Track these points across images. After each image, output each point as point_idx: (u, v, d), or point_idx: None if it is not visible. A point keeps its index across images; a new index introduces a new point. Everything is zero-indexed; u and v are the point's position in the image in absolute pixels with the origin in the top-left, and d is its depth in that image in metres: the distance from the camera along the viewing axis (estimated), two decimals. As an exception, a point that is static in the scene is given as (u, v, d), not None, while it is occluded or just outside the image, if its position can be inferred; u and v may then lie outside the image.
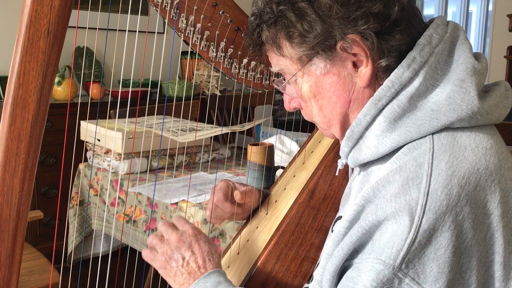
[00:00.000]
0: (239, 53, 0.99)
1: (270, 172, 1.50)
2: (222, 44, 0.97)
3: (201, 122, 2.10)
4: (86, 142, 2.00)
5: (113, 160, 1.86)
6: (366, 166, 0.75)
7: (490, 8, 5.21)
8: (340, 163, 0.85)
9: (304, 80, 0.76)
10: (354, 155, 0.75)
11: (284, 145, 1.95)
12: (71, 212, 1.99)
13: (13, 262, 0.80)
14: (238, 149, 2.31)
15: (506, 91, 0.75)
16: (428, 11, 6.06)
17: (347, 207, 0.81)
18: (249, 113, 2.88)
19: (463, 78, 0.69)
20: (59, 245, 2.46)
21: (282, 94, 0.85)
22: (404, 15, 0.71)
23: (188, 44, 0.96)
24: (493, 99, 0.71)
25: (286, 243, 0.94)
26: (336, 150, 1.03)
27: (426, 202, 0.62)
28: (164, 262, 0.88)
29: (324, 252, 0.76)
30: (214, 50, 0.97)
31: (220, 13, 0.94)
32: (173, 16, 0.92)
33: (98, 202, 1.93)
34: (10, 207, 0.78)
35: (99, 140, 1.92)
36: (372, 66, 0.71)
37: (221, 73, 1.00)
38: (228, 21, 0.95)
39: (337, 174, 0.98)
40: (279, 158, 1.83)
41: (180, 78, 3.46)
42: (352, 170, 0.90)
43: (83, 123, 1.97)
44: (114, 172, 1.87)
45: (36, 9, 0.73)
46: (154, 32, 3.09)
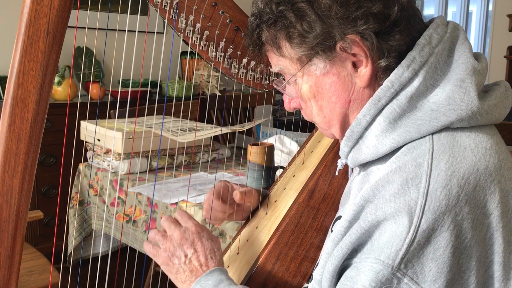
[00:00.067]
0: (239, 53, 0.99)
1: (270, 172, 1.50)
2: (222, 44, 0.97)
3: (201, 122, 2.10)
4: (86, 142, 2.00)
5: (113, 160, 1.86)
6: (365, 166, 0.75)
7: (490, 8, 5.21)
8: (339, 163, 0.85)
9: (304, 80, 0.76)
10: (353, 155, 0.75)
11: (284, 145, 1.95)
12: (71, 212, 1.99)
13: (12, 262, 0.80)
14: (238, 149, 2.31)
15: (506, 91, 0.75)
16: (428, 11, 6.06)
17: (347, 207, 0.81)
18: (249, 113, 2.88)
19: (463, 78, 0.69)
20: (59, 245, 2.46)
21: (282, 94, 0.85)
22: (403, 15, 0.71)
23: (187, 44, 0.96)
24: (493, 99, 0.71)
25: (285, 243, 0.94)
26: (335, 150, 1.03)
27: (425, 202, 0.62)
28: (166, 258, 0.88)
29: (323, 251, 0.76)
30: (214, 50, 0.97)
31: (219, 13, 0.94)
32: (172, 16, 0.92)
33: (98, 202, 1.93)
34: (10, 207, 0.78)
35: (99, 140, 1.92)
36: (371, 66, 0.71)
37: (220, 73, 1.00)
38: (227, 21, 0.95)
39: (336, 174, 0.98)
40: (279, 158, 1.83)
41: (180, 78, 3.46)
42: (351, 170, 0.90)
43: (83, 123, 1.97)
44: (114, 172, 1.87)
45: (35, 9, 0.73)
46: (154, 32, 3.09)
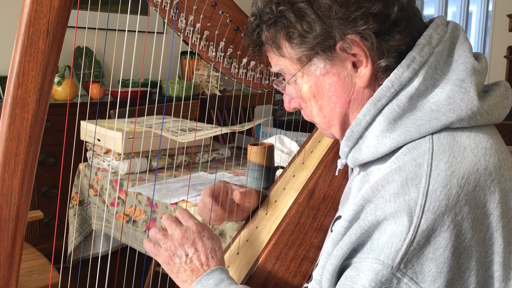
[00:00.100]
0: (239, 52, 0.99)
1: (270, 172, 1.50)
2: (222, 44, 0.97)
3: (201, 122, 2.10)
4: (86, 142, 2.00)
5: (113, 160, 1.86)
6: (365, 166, 0.75)
7: (490, 8, 5.21)
8: (339, 163, 0.85)
9: (303, 80, 0.76)
10: (353, 155, 0.75)
11: (284, 145, 1.95)
12: (71, 212, 1.99)
13: (12, 262, 0.80)
14: (238, 149, 2.31)
15: (506, 91, 0.75)
16: (428, 11, 6.07)
17: (347, 207, 0.81)
18: (249, 113, 2.88)
19: (463, 78, 0.68)
20: (59, 245, 2.46)
21: (282, 94, 0.85)
22: (403, 15, 0.71)
23: (187, 44, 0.96)
24: (493, 99, 0.71)
25: (285, 243, 0.94)
26: (335, 150, 1.03)
27: (425, 202, 0.62)
28: (167, 258, 0.88)
29: (323, 251, 0.76)
30: (214, 50, 0.97)
31: (219, 13, 0.94)
32: (172, 16, 0.92)
33: (98, 202, 1.93)
34: (10, 207, 0.78)
35: (99, 140, 1.92)
36: (371, 67, 0.71)
37: (220, 73, 1.00)
38: (227, 21, 0.95)
39: (336, 174, 0.98)
40: (279, 158, 1.83)
41: (180, 78, 3.46)
42: (351, 170, 0.90)
43: (83, 123, 1.97)
44: (114, 172, 1.87)
45: (35, 9, 0.73)
46: (154, 32, 3.09)
